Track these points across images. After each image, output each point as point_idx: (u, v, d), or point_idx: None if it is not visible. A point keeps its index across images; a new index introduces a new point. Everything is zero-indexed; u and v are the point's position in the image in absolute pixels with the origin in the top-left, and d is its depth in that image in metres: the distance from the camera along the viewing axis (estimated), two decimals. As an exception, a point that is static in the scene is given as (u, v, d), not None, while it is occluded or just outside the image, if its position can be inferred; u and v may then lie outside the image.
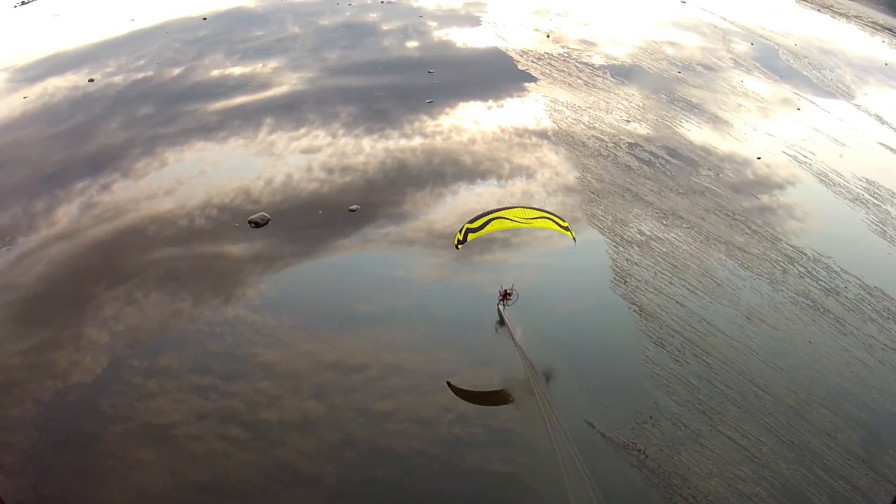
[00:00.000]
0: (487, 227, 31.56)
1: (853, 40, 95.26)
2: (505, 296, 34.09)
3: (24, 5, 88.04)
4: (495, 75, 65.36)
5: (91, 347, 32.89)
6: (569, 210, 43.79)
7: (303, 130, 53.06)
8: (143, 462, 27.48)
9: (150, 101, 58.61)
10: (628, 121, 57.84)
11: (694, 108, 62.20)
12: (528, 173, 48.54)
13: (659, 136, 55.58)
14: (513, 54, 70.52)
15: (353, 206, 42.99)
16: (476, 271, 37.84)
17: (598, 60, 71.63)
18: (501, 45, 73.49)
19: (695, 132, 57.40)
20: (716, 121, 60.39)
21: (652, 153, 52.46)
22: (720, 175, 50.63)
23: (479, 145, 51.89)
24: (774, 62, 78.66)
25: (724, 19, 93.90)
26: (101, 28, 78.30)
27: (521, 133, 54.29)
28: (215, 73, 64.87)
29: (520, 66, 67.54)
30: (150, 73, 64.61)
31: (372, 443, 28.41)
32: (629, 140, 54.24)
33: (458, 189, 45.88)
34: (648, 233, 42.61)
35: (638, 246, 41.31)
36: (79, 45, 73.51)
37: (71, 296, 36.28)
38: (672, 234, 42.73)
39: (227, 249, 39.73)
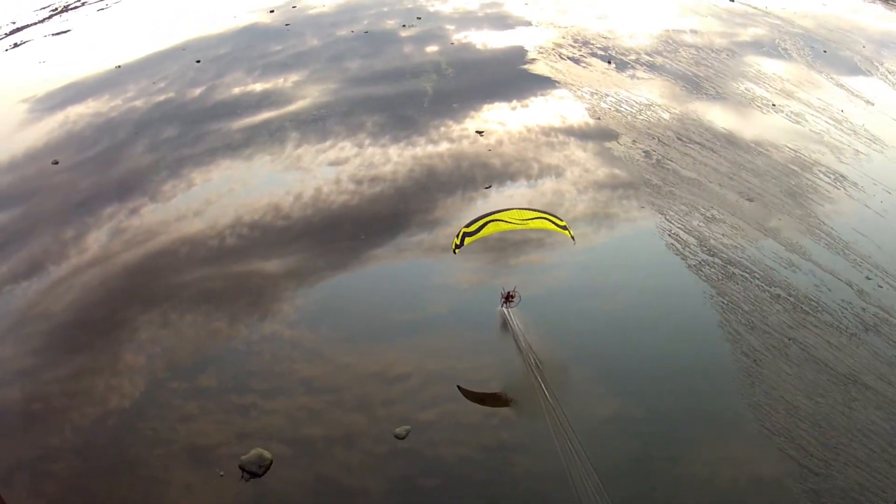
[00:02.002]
0: (483, 231, 31.89)
1: None
2: (507, 298, 33.96)
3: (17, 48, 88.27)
4: (517, 75, 64.70)
5: (128, 372, 32.78)
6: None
7: (329, 143, 52.77)
8: (189, 485, 27.25)
9: (173, 123, 58.52)
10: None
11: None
12: (557, 172, 47.92)
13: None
14: (533, 53, 69.82)
15: (362, 236, 42.30)
16: (512, 273, 37.15)
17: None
18: (522, 44, 72.80)
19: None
20: None
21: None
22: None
23: (507, 146, 51.32)
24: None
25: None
26: (117, 53, 78.41)
27: (548, 132, 53.63)
28: (237, 90, 64.70)
29: (541, 64, 66.93)
30: (171, 94, 64.50)
31: (417, 452, 28.03)
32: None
33: (488, 193, 45.28)
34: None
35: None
36: (98, 70, 73.66)
37: (105, 321, 36.23)
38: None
39: (259, 266, 39.50)
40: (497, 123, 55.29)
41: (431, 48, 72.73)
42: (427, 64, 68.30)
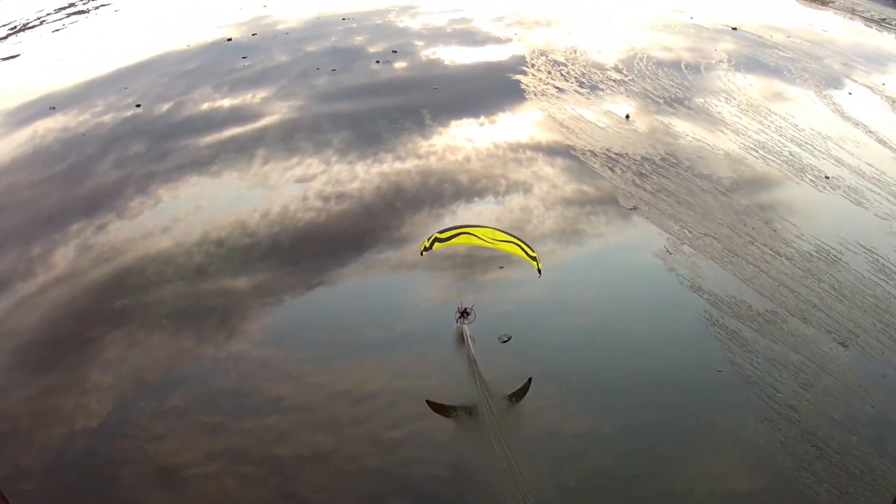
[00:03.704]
0: (455, 240, 32.61)
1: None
2: (463, 314, 34.36)
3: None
4: (486, 90, 65.03)
5: (96, 391, 32.68)
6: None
7: (296, 159, 52.84)
8: (157, 505, 27.23)
9: (141, 139, 58.23)
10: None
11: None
12: (525, 188, 48.28)
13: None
14: (502, 67, 70.28)
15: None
16: (480, 290, 37.54)
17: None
18: (491, 60, 73.38)
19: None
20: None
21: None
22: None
23: (475, 163, 51.67)
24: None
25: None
26: (89, 66, 77.98)
27: (515, 148, 54.05)
28: (205, 106, 64.56)
29: (512, 78, 67.44)
30: (139, 110, 64.25)
31: (387, 472, 28.18)
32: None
33: (455, 209, 45.62)
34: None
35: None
36: (67, 85, 73.17)
37: (73, 339, 36.09)
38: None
39: (226, 284, 39.54)
40: (465, 140, 55.71)
41: (400, 64, 72.97)
42: (395, 80, 68.58)
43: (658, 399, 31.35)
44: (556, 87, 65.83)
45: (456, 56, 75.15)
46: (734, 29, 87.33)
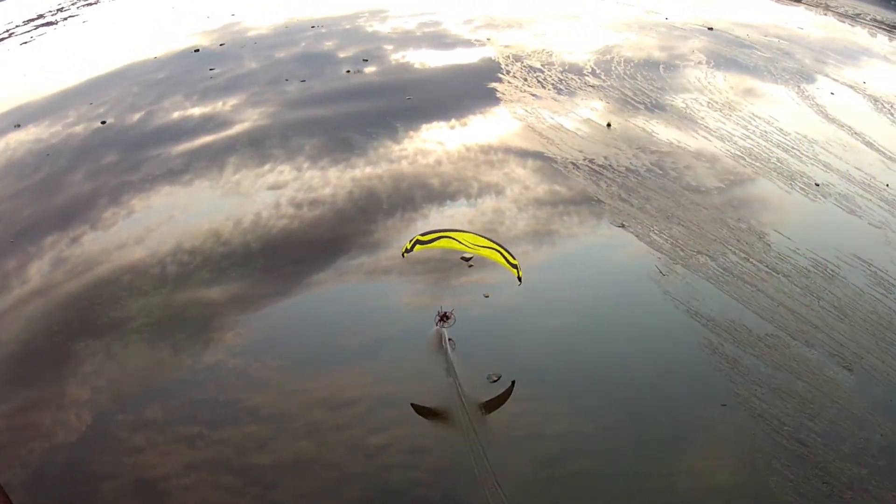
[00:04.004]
0: (436, 243, 32.70)
1: None
2: (443, 318, 34.51)
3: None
4: (461, 99, 65.10)
5: (74, 405, 32.56)
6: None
7: (267, 167, 52.87)
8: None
9: (113, 149, 58.14)
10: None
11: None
12: (498, 190, 48.58)
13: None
14: (478, 75, 70.50)
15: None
16: (456, 294, 37.70)
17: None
18: (462, 63, 73.85)
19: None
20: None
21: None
22: None
23: (446, 166, 52.00)
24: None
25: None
26: (57, 79, 77.69)
27: (487, 150, 54.40)
28: (176, 115, 64.49)
29: (487, 86, 67.71)
30: (111, 119, 64.06)
31: (368, 478, 28.33)
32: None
33: (428, 213, 45.91)
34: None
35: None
36: (37, 96, 72.92)
37: (50, 353, 35.97)
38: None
39: (201, 294, 39.51)
40: (436, 143, 56.05)
41: (370, 68, 73.11)
42: (366, 84, 68.75)
43: (639, 397, 31.84)
44: (533, 95, 65.87)
45: (428, 61, 75.56)
46: (710, 29, 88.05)
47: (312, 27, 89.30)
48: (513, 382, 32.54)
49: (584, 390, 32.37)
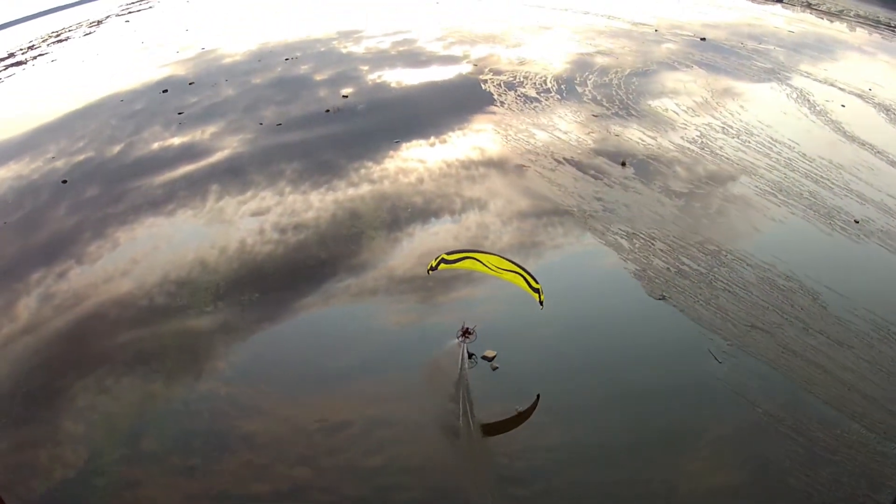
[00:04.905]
0: (460, 264, 32.77)
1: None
2: (465, 333, 34.31)
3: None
4: (434, 110, 65.87)
5: (70, 441, 32.52)
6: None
7: (249, 193, 53.13)
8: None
9: (94, 182, 58.31)
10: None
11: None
12: (480, 205, 48.87)
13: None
14: (447, 86, 70.97)
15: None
16: (443, 311, 38.01)
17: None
18: (437, 79, 74.35)
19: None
20: None
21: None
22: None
23: (428, 183, 52.30)
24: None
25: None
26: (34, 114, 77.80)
27: (468, 165, 54.76)
28: (156, 145, 64.73)
29: (463, 96, 68.68)
30: (91, 153, 64.13)
31: (365, 500, 28.40)
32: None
33: (413, 231, 46.19)
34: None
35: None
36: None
37: (42, 390, 35.87)
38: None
39: (190, 324, 39.60)
40: (417, 161, 56.42)
41: (347, 90, 73.60)
42: (343, 106, 69.11)
43: (637, 405, 31.83)
44: (534, 125, 62.96)
45: (405, 79, 76.23)
46: (703, 40, 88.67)
47: (287, 59, 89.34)
48: (538, 396, 32.46)
49: (588, 404, 32.30)
